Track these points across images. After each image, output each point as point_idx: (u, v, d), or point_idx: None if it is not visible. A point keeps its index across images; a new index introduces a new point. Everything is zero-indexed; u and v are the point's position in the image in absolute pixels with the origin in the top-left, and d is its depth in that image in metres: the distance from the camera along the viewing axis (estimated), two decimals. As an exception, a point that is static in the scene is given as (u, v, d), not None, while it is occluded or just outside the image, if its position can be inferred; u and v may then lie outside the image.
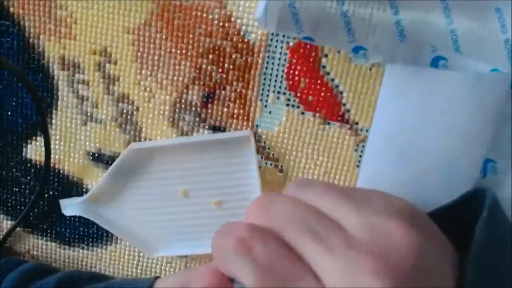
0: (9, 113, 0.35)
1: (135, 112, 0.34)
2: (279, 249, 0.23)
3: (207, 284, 0.25)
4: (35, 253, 0.39)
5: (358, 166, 0.32)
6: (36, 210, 0.37)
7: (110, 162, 0.35)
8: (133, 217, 0.35)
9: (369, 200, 0.24)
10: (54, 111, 0.35)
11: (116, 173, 0.34)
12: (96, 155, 0.36)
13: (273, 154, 0.33)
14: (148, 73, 0.33)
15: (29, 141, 0.36)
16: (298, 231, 0.23)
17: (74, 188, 0.36)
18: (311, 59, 0.31)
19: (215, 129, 0.33)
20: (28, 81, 0.33)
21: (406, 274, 0.22)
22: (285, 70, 0.31)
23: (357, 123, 0.32)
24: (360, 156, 0.32)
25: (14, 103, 0.35)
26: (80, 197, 0.36)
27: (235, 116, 0.33)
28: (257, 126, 0.33)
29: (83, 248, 0.38)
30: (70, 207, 0.36)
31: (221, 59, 0.32)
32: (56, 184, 0.37)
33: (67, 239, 0.38)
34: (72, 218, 0.37)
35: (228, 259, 0.23)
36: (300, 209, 0.24)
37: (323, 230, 0.23)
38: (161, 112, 0.34)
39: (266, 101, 0.32)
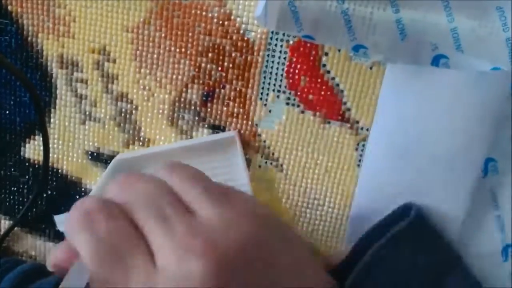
0: (7, 112, 0.35)
1: (134, 111, 0.34)
2: (122, 225, 0.23)
3: (57, 260, 0.25)
4: (33, 253, 0.39)
5: (358, 165, 0.32)
6: (34, 209, 0.37)
7: (108, 161, 0.35)
8: None
9: (228, 196, 0.25)
10: (52, 110, 0.35)
11: (106, 185, 0.34)
12: (95, 154, 0.35)
13: (273, 153, 0.33)
14: (147, 71, 0.33)
15: (27, 140, 0.36)
16: (146, 210, 0.23)
17: (73, 188, 0.36)
18: (311, 58, 0.31)
19: (214, 128, 0.33)
20: (26, 80, 0.33)
21: (238, 265, 0.22)
22: (285, 69, 0.31)
23: (357, 122, 0.32)
24: (361, 155, 0.32)
25: (12, 102, 0.35)
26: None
27: (234, 115, 0.33)
28: (257, 125, 0.33)
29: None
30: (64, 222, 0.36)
31: (221, 57, 0.32)
32: (54, 183, 0.36)
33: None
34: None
35: (72, 231, 0.24)
36: (158, 191, 0.24)
37: (172, 214, 0.23)
38: (160, 111, 0.34)
39: (266, 100, 0.32)
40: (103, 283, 0.22)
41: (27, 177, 0.37)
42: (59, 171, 0.36)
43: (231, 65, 0.32)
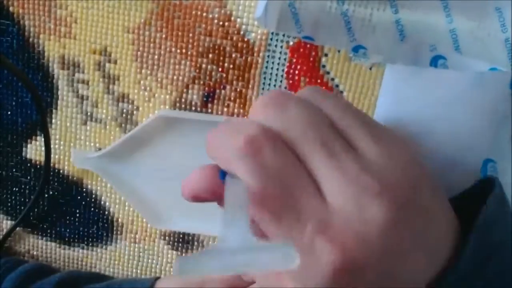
0: (9, 112, 0.35)
1: (135, 112, 0.34)
2: (288, 156, 0.21)
3: (199, 188, 0.23)
4: (35, 253, 0.39)
5: (358, 165, 0.32)
6: (36, 210, 0.37)
7: (110, 162, 0.35)
8: (143, 183, 0.35)
9: (383, 131, 0.23)
10: (54, 111, 0.35)
11: (138, 135, 0.34)
12: (96, 154, 0.36)
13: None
14: (148, 72, 0.33)
15: (29, 140, 0.36)
16: (312, 142, 0.21)
17: (74, 188, 0.36)
18: (311, 59, 0.31)
19: (215, 128, 0.33)
20: (28, 81, 0.33)
21: (410, 209, 0.21)
22: (285, 70, 0.31)
23: (357, 123, 0.32)
24: (360, 156, 0.32)
25: (14, 103, 0.35)
26: (93, 152, 0.35)
27: (235, 115, 0.33)
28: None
29: (83, 248, 0.38)
30: (81, 160, 0.35)
31: (221, 58, 0.32)
32: (56, 184, 0.37)
33: (67, 239, 0.38)
34: (72, 218, 0.37)
35: (233, 157, 0.22)
36: (317, 120, 0.22)
37: (338, 147, 0.22)
38: (161, 111, 0.34)
39: (266, 100, 0.32)
40: (271, 214, 0.21)
41: (28, 177, 0.37)
42: (61, 171, 0.36)
43: (231, 66, 0.32)
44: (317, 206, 0.21)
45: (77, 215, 0.37)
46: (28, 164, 0.37)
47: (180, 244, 0.37)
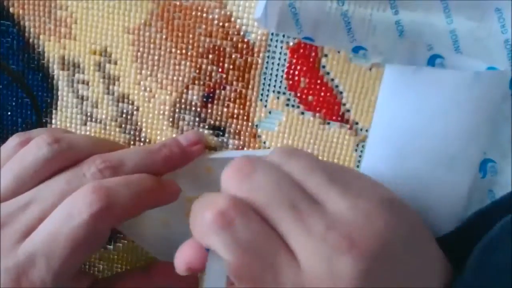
0: (9, 113, 0.35)
1: (135, 112, 0.34)
2: (259, 225, 0.22)
3: (191, 261, 0.24)
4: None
5: (358, 166, 0.32)
6: (36, 210, 0.37)
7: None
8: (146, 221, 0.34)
9: (352, 182, 0.24)
10: (54, 111, 0.35)
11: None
12: (96, 155, 0.36)
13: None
14: (148, 73, 0.33)
15: (29, 141, 0.36)
16: (280, 207, 0.22)
17: (74, 188, 0.36)
18: (311, 59, 0.31)
19: (215, 128, 0.34)
20: (23, 82, 0.33)
21: (382, 258, 0.22)
22: (285, 70, 0.31)
23: (357, 123, 0.32)
24: (360, 156, 0.32)
25: (14, 103, 0.35)
26: None
27: (235, 116, 0.33)
28: (257, 126, 0.33)
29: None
30: None
31: (221, 59, 0.32)
32: (56, 184, 0.37)
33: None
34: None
35: (206, 231, 0.23)
36: (283, 183, 0.23)
37: (305, 209, 0.22)
38: (161, 112, 0.34)
39: (266, 101, 0.32)
40: (251, 283, 0.22)
41: (29, 177, 0.37)
42: (61, 171, 0.36)
43: (231, 67, 0.32)
44: (292, 271, 0.21)
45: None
46: (28, 165, 0.37)
47: (180, 244, 0.37)
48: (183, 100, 0.33)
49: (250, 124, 0.33)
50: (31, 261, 0.25)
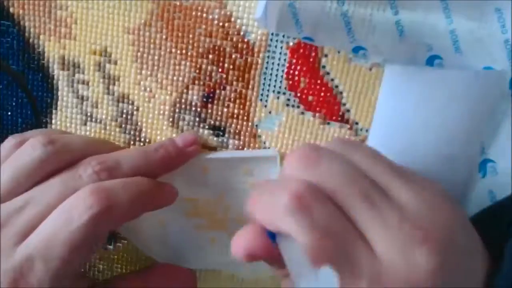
0: (9, 113, 0.35)
1: (135, 112, 0.34)
2: (335, 210, 0.22)
3: (253, 248, 0.23)
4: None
5: (358, 166, 0.32)
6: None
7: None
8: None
9: (410, 173, 0.24)
10: (54, 111, 0.35)
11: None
12: (96, 155, 0.36)
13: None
14: (148, 73, 0.33)
15: (29, 141, 0.36)
16: (353, 195, 0.22)
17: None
18: (311, 59, 0.31)
19: (215, 129, 0.34)
20: (25, 85, 0.33)
21: (452, 251, 0.22)
22: (285, 70, 0.31)
23: (357, 123, 0.32)
24: (360, 156, 0.32)
25: (14, 103, 0.35)
26: None
27: (235, 116, 0.33)
28: (257, 126, 0.33)
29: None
30: None
31: (221, 59, 0.32)
32: (56, 184, 0.37)
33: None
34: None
35: (280, 214, 0.22)
36: (352, 171, 0.23)
37: (378, 199, 0.22)
38: (161, 112, 0.34)
39: (266, 101, 0.32)
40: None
41: (29, 177, 0.37)
42: (61, 171, 0.36)
43: (231, 67, 0.32)
44: (369, 259, 0.21)
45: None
46: (28, 165, 0.37)
47: (180, 244, 0.37)
48: (183, 100, 0.33)
49: (250, 124, 0.33)
50: (29, 264, 0.25)
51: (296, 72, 0.31)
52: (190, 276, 0.35)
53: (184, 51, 0.32)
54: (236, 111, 0.33)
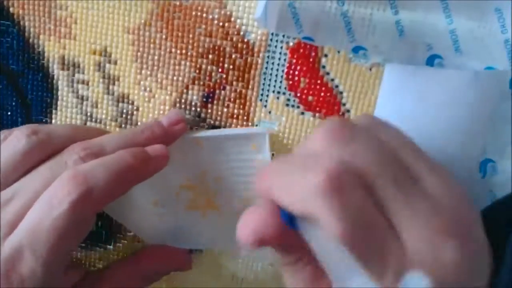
0: (9, 113, 0.35)
1: (135, 112, 0.34)
2: (365, 193, 0.20)
3: (258, 227, 0.21)
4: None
5: (358, 166, 0.32)
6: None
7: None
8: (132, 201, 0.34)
9: (434, 160, 0.23)
10: (54, 111, 0.35)
11: None
12: (96, 155, 0.35)
13: (272, 154, 0.33)
14: (148, 73, 0.33)
15: (29, 141, 0.36)
16: (386, 178, 0.21)
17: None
18: (311, 59, 0.31)
19: (214, 129, 0.33)
20: (18, 86, 0.33)
21: (475, 247, 0.21)
22: (285, 70, 0.31)
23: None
24: (360, 156, 0.32)
25: (14, 103, 0.35)
26: None
27: (235, 116, 0.33)
28: (256, 126, 0.33)
29: (82, 248, 0.38)
30: None
31: (221, 59, 0.32)
32: (56, 184, 0.37)
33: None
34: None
35: (309, 196, 0.20)
36: (385, 152, 0.21)
37: (407, 185, 0.21)
38: (161, 112, 0.34)
39: (266, 101, 0.32)
40: (358, 255, 0.20)
41: (28, 177, 0.37)
42: (61, 171, 0.36)
43: (231, 67, 0.32)
44: (396, 248, 0.20)
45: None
46: (28, 165, 0.37)
47: (180, 244, 0.37)
48: (183, 100, 0.33)
49: (250, 124, 0.33)
50: (18, 255, 0.25)
51: (296, 72, 0.31)
52: (184, 256, 0.35)
53: (184, 51, 0.32)
54: (236, 111, 0.33)
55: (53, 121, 0.35)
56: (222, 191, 0.34)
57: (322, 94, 0.31)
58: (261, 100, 0.32)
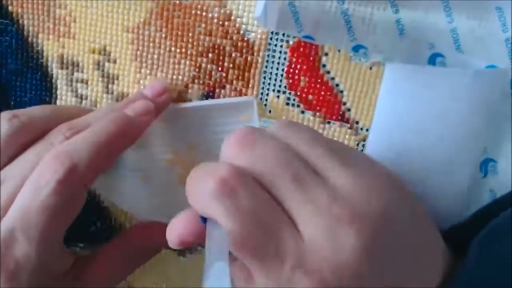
0: (8, 112, 0.35)
1: (134, 111, 0.34)
2: (261, 194, 0.22)
3: (185, 234, 0.23)
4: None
5: (358, 165, 0.32)
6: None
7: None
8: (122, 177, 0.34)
9: (353, 157, 0.24)
10: (53, 110, 0.35)
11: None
12: (95, 154, 0.35)
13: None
14: (148, 72, 0.33)
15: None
16: (282, 178, 0.22)
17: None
18: (311, 58, 0.31)
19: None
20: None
21: (385, 234, 0.22)
22: (285, 69, 0.31)
23: (357, 122, 0.32)
24: (360, 155, 0.32)
25: (13, 103, 0.35)
26: None
27: (235, 115, 0.33)
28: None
29: (82, 248, 0.38)
30: None
31: (221, 58, 0.32)
32: (55, 183, 0.37)
33: (66, 239, 0.38)
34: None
35: (207, 199, 0.22)
36: (286, 155, 0.23)
37: (308, 180, 0.22)
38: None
39: (266, 100, 0.32)
40: (252, 253, 0.21)
41: (27, 177, 0.37)
42: (60, 171, 0.36)
43: (231, 66, 0.32)
44: (294, 241, 0.21)
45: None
46: (27, 164, 0.36)
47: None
48: (183, 99, 0.33)
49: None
50: (11, 237, 0.25)
51: (296, 71, 0.31)
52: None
53: (183, 50, 0.32)
54: (236, 110, 0.33)
55: (52, 120, 0.35)
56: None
57: (322, 93, 0.31)
58: (261, 99, 0.32)
